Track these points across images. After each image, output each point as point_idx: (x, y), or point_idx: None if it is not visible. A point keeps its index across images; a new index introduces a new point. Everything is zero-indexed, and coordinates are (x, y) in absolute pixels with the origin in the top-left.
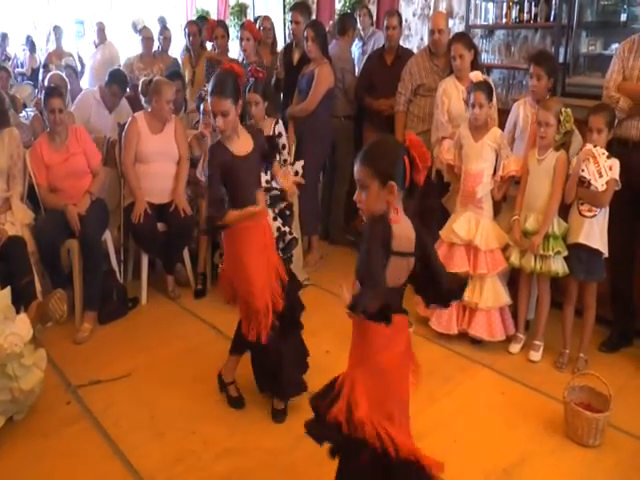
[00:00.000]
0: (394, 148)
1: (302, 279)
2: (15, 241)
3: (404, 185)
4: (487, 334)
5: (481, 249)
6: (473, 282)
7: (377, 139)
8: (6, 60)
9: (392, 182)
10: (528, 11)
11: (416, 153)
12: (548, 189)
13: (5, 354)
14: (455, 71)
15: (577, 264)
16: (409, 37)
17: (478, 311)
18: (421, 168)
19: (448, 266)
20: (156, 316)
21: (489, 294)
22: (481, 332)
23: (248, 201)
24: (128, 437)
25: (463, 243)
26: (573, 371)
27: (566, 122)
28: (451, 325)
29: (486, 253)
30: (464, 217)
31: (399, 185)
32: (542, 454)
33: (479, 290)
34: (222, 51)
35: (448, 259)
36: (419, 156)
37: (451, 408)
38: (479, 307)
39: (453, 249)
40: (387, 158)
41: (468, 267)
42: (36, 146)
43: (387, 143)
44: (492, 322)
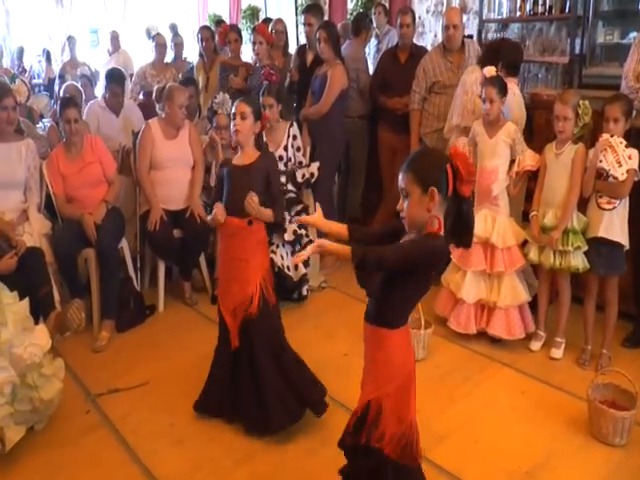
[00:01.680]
0: (437, 156)
1: (319, 282)
2: (33, 252)
3: (447, 194)
4: (506, 333)
5: (498, 247)
6: (491, 280)
7: (421, 149)
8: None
9: (433, 187)
10: (542, 3)
11: (460, 164)
12: (566, 183)
13: (25, 364)
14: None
15: (597, 258)
16: (423, 34)
17: (497, 310)
18: (465, 179)
19: (465, 265)
20: (174, 323)
21: (507, 292)
22: (500, 331)
23: (237, 209)
24: (147, 445)
25: (480, 241)
26: (596, 368)
27: (584, 115)
28: (470, 325)
29: (503, 251)
30: (480, 215)
31: (442, 193)
32: (566, 454)
33: (497, 288)
34: (236, 56)
35: (465, 258)
36: (463, 167)
37: (472, 408)
38: (497, 306)
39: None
40: (429, 165)
41: (485, 265)
42: (52, 156)
43: (431, 152)
44: (511, 320)
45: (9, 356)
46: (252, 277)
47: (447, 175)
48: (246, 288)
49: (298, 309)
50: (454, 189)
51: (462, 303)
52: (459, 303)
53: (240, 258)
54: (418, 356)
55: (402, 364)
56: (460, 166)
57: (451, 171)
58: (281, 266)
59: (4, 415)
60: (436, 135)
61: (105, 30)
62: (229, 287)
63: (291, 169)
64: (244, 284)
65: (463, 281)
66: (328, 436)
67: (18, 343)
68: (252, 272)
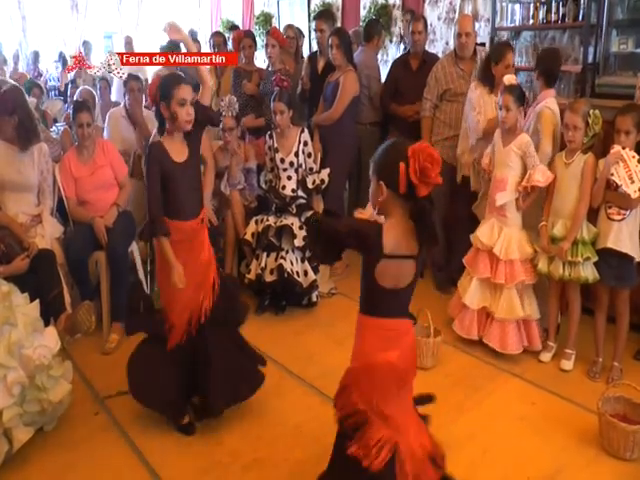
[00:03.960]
0: (395, 152)
1: (328, 289)
2: (45, 254)
3: (397, 190)
4: (499, 345)
5: (501, 259)
6: (495, 290)
7: (390, 141)
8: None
9: (382, 182)
10: (556, 11)
11: (415, 163)
12: (576, 193)
13: (34, 365)
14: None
15: (607, 270)
16: (434, 42)
17: (494, 321)
18: (416, 181)
19: (473, 270)
20: None
21: (504, 305)
22: (494, 342)
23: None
24: (155, 448)
25: (485, 249)
26: (607, 381)
27: (594, 124)
28: (472, 330)
29: (506, 263)
30: (488, 223)
31: (392, 189)
32: (576, 467)
33: (498, 299)
34: (249, 61)
35: (473, 263)
36: (416, 169)
37: (481, 419)
38: (495, 317)
39: (478, 254)
40: (384, 160)
41: (489, 274)
42: (65, 160)
43: (393, 146)
44: (506, 334)
45: (19, 357)
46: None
47: (399, 173)
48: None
49: (307, 315)
50: (409, 187)
51: (467, 308)
52: (464, 307)
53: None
54: (427, 364)
55: (374, 350)
56: (414, 165)
57: (404, 169)
58: (291, 272)
59: (13, 416)
60: (447, 143)
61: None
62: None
63: (302, 175)
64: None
65: (469, 286)
66: None
67: (28, 344)
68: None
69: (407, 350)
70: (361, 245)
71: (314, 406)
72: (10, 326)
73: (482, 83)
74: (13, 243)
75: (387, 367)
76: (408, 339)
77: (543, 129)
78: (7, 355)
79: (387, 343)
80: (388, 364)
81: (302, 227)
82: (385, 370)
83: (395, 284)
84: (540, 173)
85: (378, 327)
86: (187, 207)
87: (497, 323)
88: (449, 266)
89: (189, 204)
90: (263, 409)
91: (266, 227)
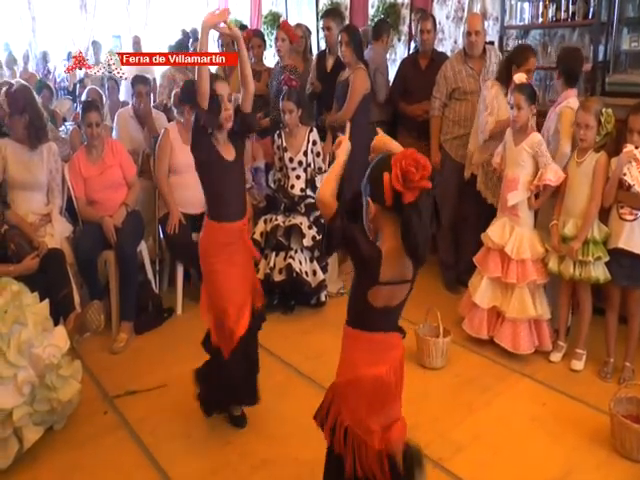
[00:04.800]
0: (379, 165)
1: (337, 288)
2: (54, 253)
3: (384, 203)
4: (511, 345)
5: (513, 258)
6: (506, 290)
7: (378, 157)
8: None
9: (368, 199)
10: (565, 9)
11: (395, 171)
12: (587, 192)
13: (44, 365)
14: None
15: (618, 270)
16: (442, 40)
17: (505, 320)
18: (400, 187)
19: (483, 269)
20: (191, 326)
21: (516, 304)
22: (505, 342)
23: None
24: (164, 447)
25: (497, 248)
26: (619, 381)
27: (607, 123)
28: (482, 330)
29: (517, 263)
30: (500, 222)
31: (379, 204)
32: (587, 468)
33: (509, 299)
34: (258, 61)
35: (484, 262)
36: (399, 174)
37: (490, 419)
38: (506, 317)
39: (489, 253)
40: (370, 174)
41: (500, 273)
42: (74, 159)
43: (378, 160)
44: (517, 334)
45: (29, 356)
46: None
47: (383, 185)
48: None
49: (316, 315)
50: (396, 197)
51: (477, 307)
52: (474, 306)
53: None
54: (437, 364)
55: (362, 364)
56: (396, 171)
57: (388, 179)
58: (299, 271)
59: (23, 415)
60: (456, 141)
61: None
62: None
63: (311, 175)
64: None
65: (479, 285)
66: None
67: (37, 344)
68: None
69: (396, 364)
70: (358, 265)
71: None
72: (20, 325)
73: (500, 84)
74: (23, 242)
75: (375, 381)
76: (397, 353)
77: (562, 128)
78: (17, 354)
79: (375, 357)
80: (376, 378)
81: (311, 226)
82: (373, 385)
83: (387, 304)
84: (552, 172)
85: (367, 340)
86: (233, 208)
87: (509, 323)
88: (458, 265)
89: (235, 205)
90: (272, 409)
91: (275, 226)
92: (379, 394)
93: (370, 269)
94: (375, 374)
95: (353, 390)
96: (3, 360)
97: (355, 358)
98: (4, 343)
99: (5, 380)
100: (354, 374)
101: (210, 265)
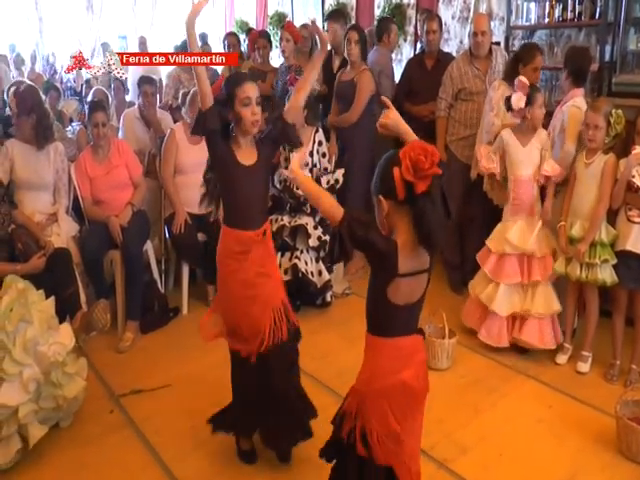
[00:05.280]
0: (387, 162)
1: (342, 289)
2: (61, 253)
3: (397, 198)
4: (538, 341)
5: (536, 256)
6: (524, 291)
7: (385, 155)
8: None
9: (380, 196)
10: (572, 9)
11: (405, 163)
12: (595, 194)
13: (49, 362)
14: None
15: (626, 272)
16: (448, 41)
17: (530, 319)
18: (412, 178)
19: (499, 277)
20: (197, 326)
21: (542, 301)
22: (533, 339)
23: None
24: (169, 446)
25: (515, 252)
26: (625, 384)
27: (617, 124)
28: (502, 337)
29: (539, 260)
30: (517, 226)
31: (391, 199)
32: (592, 471)
33: (531, 297)
34: (264, 61)
35: (498, 270)
36: (409, 165)
37: (496, 420)
38: (531, 314)
39: (503, 260)
40: (378, 173)
41: (520, 278)
42: (80, 159)
43: (385, 158)
44: (544, 329)
45: (34, 354)
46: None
47: (394, 179)
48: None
49: (321, 315)
50: (408, 190)
51: (494, 315)
52: (490, 315)
53: (260, 274)
54: (442, 365)
55: (387, 372)
56: (406, 163)
57: (399, 174)
58: (305, 272)
59: (28, 412)
60: (462, 142)
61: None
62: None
63: (316, 175)
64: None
65: (496, 293)
66: None
67: (43, 341)
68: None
69: (420, 368)
70: (375, 261)
71: (328, 406)
72: (26, 323)
73: (507, 83)
74: (30, 242)
75: (402, 388)
76: (421, 357)
77: (568, 127)
78: (23, 352)
79: (401, 363)
80: (403, 385)
81: (316, 227)
82: (401, 391)
83: (408, 300)
84: (549, 165)
85: (390, 348)
86: (247, 215)
87: (534, 320)
88: (463, 266)
89: (250, 212)
90: None
91: (280, 227)
92: (407, 400)
93: (388, 262)
94: (402, 380)
95: (381, 400)
96: (9, 358)
97: (379, 367)
98: (10, 341)
99: (11, 377)
100: (381, 383)
101: (223, 272)
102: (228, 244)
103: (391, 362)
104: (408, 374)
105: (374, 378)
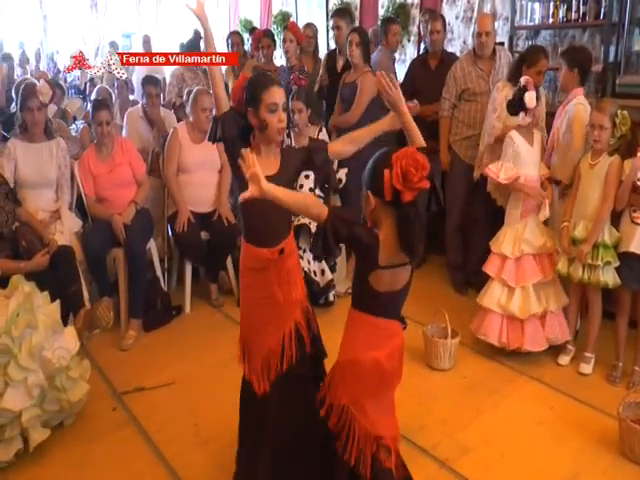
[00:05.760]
0: (380, 160)
1: (345, 288)
2: (64, 250)
3: (384, 198)
4: (562, 335)
5: (549, 252)
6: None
7: (380, 151)
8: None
9: (368, 192)
10: (576, 10)
11: (399, 169)
12: (600, 195)
13: (54, 368)
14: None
15: (629, 273)
16: (451, 41)
17: (549, 314)
18: (400, 186)
19: (519, 282)
20: (200, 324)
21: (555, 296)
22: (557, 334)
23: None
24: (172, 444)
25: (533, 252)
26: (628, 386)
27: (622, 125)
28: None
29: (552, 255)
30: (532, 226)
31: (379, 198)
32: (594, 472)
33: (545, 295)
34: (268, 61)
35: (519, 274)
36: (399, 173)
37: (498, 422)
38: (550, 310)
39: (522, 261)
40: (371, 168)
41: (541, 275)
42: (84, 157)
43: (379, 155)
44: (561, 323)
45: (39, 359)
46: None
47: (384, 180)
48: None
49: (324, 315)
50: (395, 194)
51: (515, 320)
52: (511, 322)
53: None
54: (444, 366)
55: (362, 347)
56: (397, 170)
57: (389, 176)
58: (308, 271)
59: (31, 417)
60: (465, 142)
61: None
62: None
63: None
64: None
65: (510, 300)
66: None
67: (48, 346)
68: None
69: (395, 352)
70: (358, 253)
71: None
72: (31, 329)
73: (511, 84)
74: (34, 239)
75: (374, 365)
76: (397, 341)
77: (576, 125)
78: (29, 358)
79: (376, 341)
80: (375, 362)
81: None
82: (371, 367)
83: (390, 289)
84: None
85: (369, 324)
86: (263, 231)
87: (553, 315)
88: (466, 267)
89: (266, 228)
90: None
91: None
92: (376, 378)
93: (370, 254)
94: (375, 357)
95: (352, 370)
96: (14, 363)
97: (357, 339)
98: (15, 346)
99: (16, 383)
100: (354, 355)
101: (243, 287)
102: (245, 259)
103: (368, 338)
104: (382, 353)
105: (349, 349)
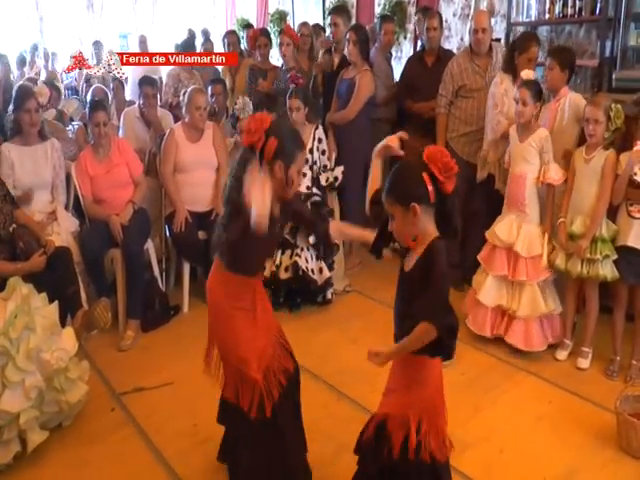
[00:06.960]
0: (410, 169)
1: (343, 286)
2: (62, 252)
3: (429, 201)
4: (524, 344)
5: (522, 255)
6: (513, 288)
7: (396, 166)
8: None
9: (414, 204)
10: (572, 5)
11: (436, 166)
12: (596, 190)
13: (52, 369)
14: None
15: (627, 267)
16: (449, 38)
17: (516, 319)
18: (444, 179)
19: (488, 267)
20: (198, 324)
21: (527, 302)
22: (518, 341)
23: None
24: (171, 444)
25: (503, 246)
26: (625, 380)
27: (616, 119)
28: (485, 328)
29: (527, 260)
30: (507, 220)
31: (423, 204)
32: (593, 467)
33: (518, 297)
34: (265, 60)
35: (489, 261)
36: (440, 168)
37: (496, 417)
38: (517, 315)
39: (495, 251)
40: (405, 182)
41: (507, 272)
42: (81, 158)
43: (404, 167)
44: (529, 331)
45: (37, 361)
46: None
47: (425, 184)
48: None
49: (322, 313)
50: (437, 191)
51: (481, 305)
52: (478, 304)
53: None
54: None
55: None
56: (435, 169)
57: (428, 178)
58: (305, 269)
59: (29, 418)
60: (462, 139)
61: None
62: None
63: (316, 173)
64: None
65: (484, 283)
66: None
67: (46, 348)
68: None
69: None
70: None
71: (329, 403)
72: (29, 331)
73: (506, 73)
74: (31, 241)
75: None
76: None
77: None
78: (26, 360)
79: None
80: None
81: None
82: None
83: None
84: (554, 171)
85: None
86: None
87: (520, 321)
88: (464, 263)
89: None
90: None
91: None
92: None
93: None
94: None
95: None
96: (12, 365)
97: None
98: (14, 349)
99: (13, 385)
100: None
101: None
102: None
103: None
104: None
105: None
